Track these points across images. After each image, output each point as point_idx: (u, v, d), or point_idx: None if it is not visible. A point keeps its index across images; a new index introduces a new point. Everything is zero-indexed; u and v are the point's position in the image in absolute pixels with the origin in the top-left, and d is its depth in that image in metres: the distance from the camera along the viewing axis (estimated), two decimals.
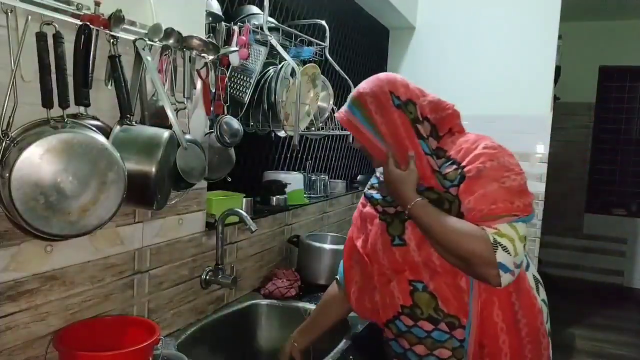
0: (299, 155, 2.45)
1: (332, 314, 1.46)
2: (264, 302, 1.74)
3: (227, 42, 1.58)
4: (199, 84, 1.40)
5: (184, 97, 1.30)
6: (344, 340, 1.47)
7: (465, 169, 1.15)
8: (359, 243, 1.33)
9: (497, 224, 1.09)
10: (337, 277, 1.45)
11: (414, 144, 1.19)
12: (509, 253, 1.07)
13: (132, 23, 1.15)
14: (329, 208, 2.46)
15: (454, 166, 1.17)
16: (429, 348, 1.20)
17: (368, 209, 1.34)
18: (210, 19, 1.50)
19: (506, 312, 1.15)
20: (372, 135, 1.23)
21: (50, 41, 0.95)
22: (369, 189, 1.39)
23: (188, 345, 1.40)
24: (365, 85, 1.24)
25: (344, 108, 1.27)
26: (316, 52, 1.98)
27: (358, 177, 3.20)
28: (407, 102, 1.21)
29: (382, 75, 1.26)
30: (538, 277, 1.26)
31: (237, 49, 1.53)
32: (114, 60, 1.08)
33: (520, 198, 1.12)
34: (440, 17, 3.57)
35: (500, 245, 1.08)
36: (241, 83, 1.65)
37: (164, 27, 1.19)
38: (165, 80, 1.25)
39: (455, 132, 1.26)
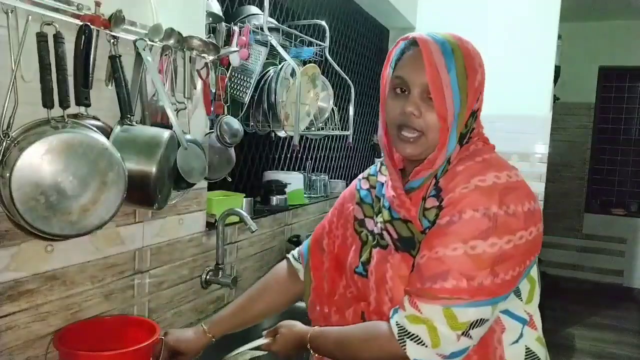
0: (299, 155, 2.45)
1: (273, 299, 1.20)
2: None
3: (228, 42, 1.58)
4: (199, 84, 1.40)
5: (184, 97, 1.30)
6: None
7: (441, 212, 0.87)
8: (330, 240, 1.12)
9: (427, 304, 0.83)
10: (293, 254, 1.22)
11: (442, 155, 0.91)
12: (423, 345, 0.82)
13: (133, 23, 1.15)
14: (329, 208, 2.45)
15: (436, 201, 0.89)
16: None
17: (353, 208, 1.09)
18: (210, 19, 1.50)
19: None
20: (451, 102, 0.88)
21: (50, 41, 0.95)
22: (363, 179, 1.12)
23: None
24: (477, 52, 0.94)
25: (434, 44, 0.89)
26: (316, 53, 1.98)
27: None
28: (475, 112, 0.93)
29: (479, 53, 0.94)
30: (535, 347, 0.94)
31: (237, 49, 1.53)
32: (114, 61, 1.08)
33: (492, 273, 0.82)
34: (440, 17, 3.57)
35: (408, 335, 0.84)
36: (241, 83, 1.65)
37: (164, 28, 1.19)
38: (166, 81, 1.26)
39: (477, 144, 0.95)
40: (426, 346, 0.83)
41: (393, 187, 0.97)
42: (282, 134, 1.94)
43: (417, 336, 0.83)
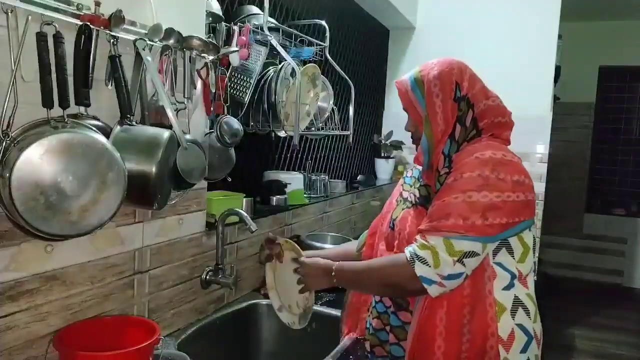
0: (299, 155, 2.45)
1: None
2: (264, 302, 1.74)
3: (227, 42, 1.58)
4: (199, 84, 1.40)
5: (184, 97, 1.30)
6: (344, 340, 1.46)
7: (448, 176, 1.14)
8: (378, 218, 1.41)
9: (432, 235, 1.08)
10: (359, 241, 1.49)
11: (442, 140, 1.18)
12: (427, 265, 1.06)
13: (133, 23, 1.15)
14: (329, 208, 2.46)
15: (448, 170, 1.17)
16: (383, 323, 1.28)
17: (399, 189, 1.38)
18: (210, 19, 1.50)
19: (452, 320, 1.11)
20: (422, 113, 1.21)
21: (50, 41, 0.95)
22: (409, 170, 1.40)
23: (188, 345, 1.40)
24: (434, 67, 1.20)
25: (405, 81, 1.24)
26: (316, 52, 1.98)
27: (358, 177, 3.20)
28: (464, 97, 1.18)
29: (454, 62, 1.22)
30: (523, 299, 1.14)
31: (237, 49, 1.53)
32: (114, 61, 1.08)
33: (482, 217, 1.06)
34: (440, 17, 3.57)
35: (417, 258, 1.08)
36: (241, 83, 1.65)
37: (164, 27, 1.19)
38: (166, 81, 1.25)
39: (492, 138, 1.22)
40: (430, 266, 1.07)
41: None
42: (282, 134, 1.94)
43: (424, 259, 1.07)
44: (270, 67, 1.74)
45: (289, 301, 1.40)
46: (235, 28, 1.59)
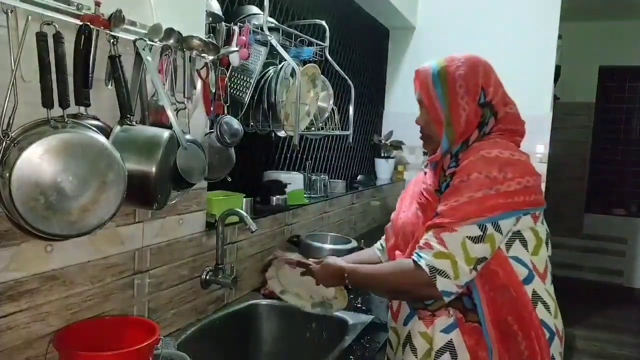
0: (299, 155, 2.45)
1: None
2: (264, 302, 1.74)
3: (227, 42, 1.58)
4: (199, 84, 1.40)
5: (184, 97, 1.30)
6: (344, 340, 1.46)
7: (454, 176, 1.12)
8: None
9: (459, 226, 1.05)
10: (377, 247, 1.50)
11: (457, 142, 1.16)
12: (448, 277, 1.05)
13: (132, 23, 1.15)
14: (329, 208, 2.46)
15: (454, 168, 1.14)
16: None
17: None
18: (210, 19, 1.50)
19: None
20: (442, 112, 1.16)
21: (50, 41, 0.95)
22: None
23: (188, 345, 1.39)
24: (461, 65, 1.16)
25: (427, 72, 1.19)
26: (316, 52, 1.98)
27: (358, 177, 3.20)
28: (489, 103, 1.16)
29: (482, 62, 1.19)
30: (542, 293, 1.15)
31: (237, 49, 1.53)
32: (114, 60, 1.08)
33: (491, 201, 1.06)
34: (440, 17, 3.57)
35: (437, 272, 1.06)
36: (241, 83, 1.65)
37: (164, 27, 1.19)
38: (165, 81, 1.25)
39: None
40: (450, 278, 1.05)
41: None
42: (282, 134, 1.93)
43: (444, 272, 1.05)
44: (270, 67, 1.74)
45: (297, 289, 1.52)
46: (235, 28, 1.59)
